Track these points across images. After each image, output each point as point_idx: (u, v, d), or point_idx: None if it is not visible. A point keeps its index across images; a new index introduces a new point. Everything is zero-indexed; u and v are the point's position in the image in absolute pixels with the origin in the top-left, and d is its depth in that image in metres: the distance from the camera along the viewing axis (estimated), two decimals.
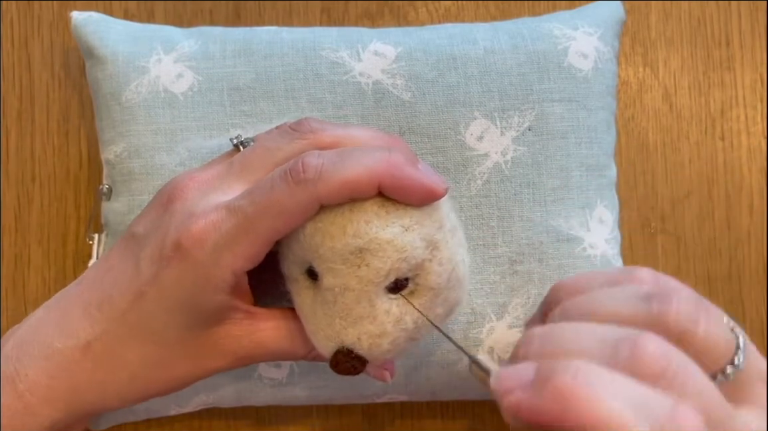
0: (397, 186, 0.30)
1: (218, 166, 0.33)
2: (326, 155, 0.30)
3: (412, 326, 0.32)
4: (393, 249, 0.30)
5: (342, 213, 0.30)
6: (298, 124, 0.33)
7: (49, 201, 0.44)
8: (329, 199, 0.30)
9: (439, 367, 0.39)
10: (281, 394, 0.40)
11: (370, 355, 0.32)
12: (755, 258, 0.45)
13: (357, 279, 0.30)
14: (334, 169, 0.30)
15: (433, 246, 0.31)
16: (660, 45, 0.46)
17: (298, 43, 0.39)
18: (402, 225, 0.30)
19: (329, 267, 0.31)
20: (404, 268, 0.31)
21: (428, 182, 0.31)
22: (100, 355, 0.32)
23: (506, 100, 0.38)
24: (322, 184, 0.29)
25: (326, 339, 0.32)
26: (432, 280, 0.31)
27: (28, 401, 0.32)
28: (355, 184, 0.30)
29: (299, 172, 0.30)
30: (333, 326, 0.31)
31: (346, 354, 0.31)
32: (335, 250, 0.30)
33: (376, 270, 0.30)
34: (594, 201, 0.39)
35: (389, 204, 0.31)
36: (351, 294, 0.31)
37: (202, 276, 0.30)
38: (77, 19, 0.40)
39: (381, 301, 0.31)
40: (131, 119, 0.38)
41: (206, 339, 0.32)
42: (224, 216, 0.30)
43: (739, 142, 0.46)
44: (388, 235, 0.30)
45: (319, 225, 0.31)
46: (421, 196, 0.31)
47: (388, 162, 0.30)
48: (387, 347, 0.31)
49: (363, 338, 0.31)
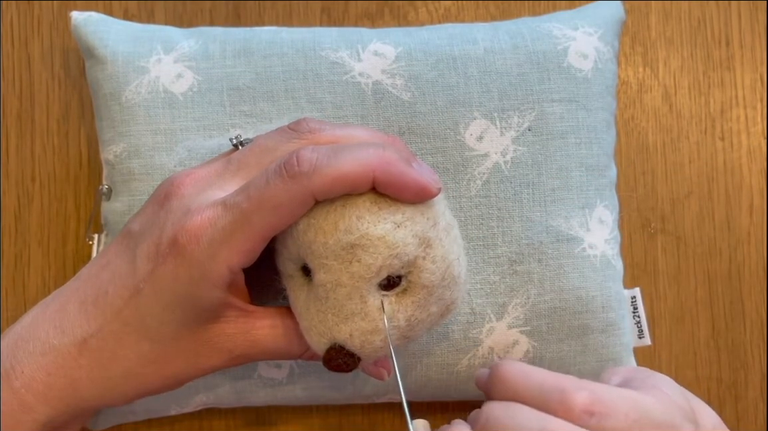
0: (390, 182, 0.30)
1: (215, 163, 0.33)
2: (321, 150, 0.30)
3: (405, 324, 0.32)
4: (384, 246, 0.30)
5: (335, 209, 0.30)
6: (296, 124, 0.33)
7: (49, 201, 0.44)
8: (323, 193, 0.30)
9: (439, 367, 0.39)
10: (281, 394, 0.40)
11: (362, 352, 0.32)
12: (755, 258, 0.45)
13: (349, 275, 0.30)
14: (328, 163, 0.30)
15: (426, 244, 0.31)
16: (660, 45, 0.46)
17: (297, 43, 0.39)
18: (394, 222, 0.30)
19: (321, 263, 0.31)
20: (396, 265, 0.31)
21: (421, 180, 0.31)
22: (96, 352, 0.32)
23: (506, 100, 0.38)
24: (316, 177, 0.30)
25: (319, 336, 0.32)
26: (425, 278, 0.31)
27: (24, 398, 0.32)
28: (348, 178, 0.30)
29: (294, 166, 0.30)
30: (325, 322, 0.31)
31: (338, 351, 0.31)
32: (327, 246, 0.30)
33: (367, 266, 0.30)
34: (594, 201, 0.39)
35: (382, 200, 0.31)
36: (343, 290, 0.31)
37: (198, 272, 0.30)
38: (77, 19, 0.40)
39: (373, 298, 0.31)
40: (131, 119, 0.38)
41: (202, 336, 0.32)
42: (220, 212, 0.30)
43: (739, 142, 0.46)
44: (379, 231, 0.30)
45: (312, 221, 0.31)
46: (414, 192, 0.31)
47: (382, 157, 0.30)
48: (379, 344, 0.31)
49: (355, 334, 0.31)
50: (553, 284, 0.38)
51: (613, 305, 0.39)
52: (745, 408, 0.45)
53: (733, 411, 0.45)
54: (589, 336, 0.39)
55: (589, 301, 0.39)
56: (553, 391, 0.27)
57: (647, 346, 0.41)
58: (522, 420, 0.26)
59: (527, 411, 0.27)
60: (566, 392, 0.27)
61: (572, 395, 0.27)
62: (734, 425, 0.45)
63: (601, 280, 0.39)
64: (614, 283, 0.39)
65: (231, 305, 0.32)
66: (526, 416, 0.27)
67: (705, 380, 0.45)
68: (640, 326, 0.41)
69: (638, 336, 0.41)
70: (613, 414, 0.26)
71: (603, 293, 0.39)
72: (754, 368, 0.45)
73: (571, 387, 0.27)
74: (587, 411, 0.26)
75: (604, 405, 0.26)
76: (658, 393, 0.29)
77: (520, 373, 0.29)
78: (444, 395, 0.40)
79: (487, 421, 0.27)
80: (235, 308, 0.32)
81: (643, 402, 0.27)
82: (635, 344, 0.41)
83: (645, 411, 0.27)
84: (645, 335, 0.41)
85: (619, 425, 0.26)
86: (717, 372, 0.45)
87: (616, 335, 0.39)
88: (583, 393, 0.27)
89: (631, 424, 0.26)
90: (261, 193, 0.30)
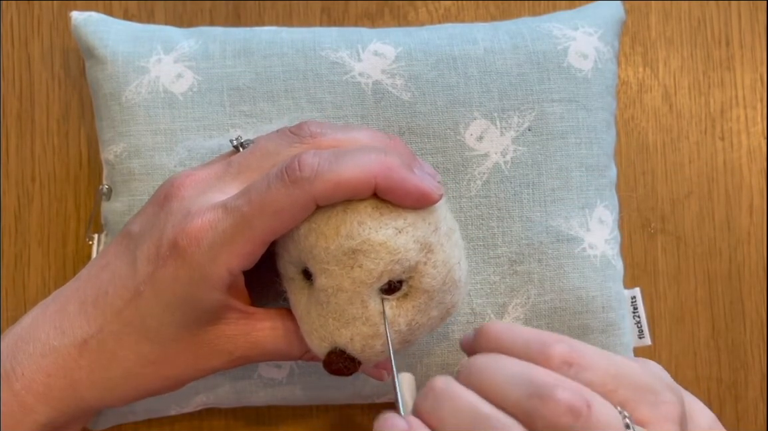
0: (391, 188, 0.30)
1: (216, 165, 0.33)
2: (322, 155, 0.30)
3: (406, 328, 0.32)
4: (385, 251, 0.30)
5: (336, 214, 0.30)
6: (298, 128, 0.33)
7: (49, 201, 0.44)
8: (324, 198, 0.30)
9: (439, 367, 0.39)
10: (281, 394, 0.40)
11: (363, 356, 0.32)
12: (755, 258, 0.45)
13: (350, 280, 0.30)
14: (329, 168, 0.30)
15: (428, 249, 0.31)
16: (660, 45, 0.46)
17: (297, 43, 0.39)
18: (395, 228, 0.30)
19: (323, 268, 0.31)
20: (397, 270, 0.31)
21: (423, 186, 0.31)
22: (96, 353, 0.32)
23: (506, 100, 0.38)
24: (318, 182, 0.30)
25: (320, 340, 0.32)
26: (426, 283, 0.31)
27: (24, 399, 0.32)
28: (350, 184, 0.30)
29: (295, 170, 0.30)
30: (326, 326, 0.31)
31: (338, 355, 0.31)
32: (329, 251, 0.30)
33: (368, 271, 0.30)
34: (594, 201, 0.39)
35: (384, 206, 0.31)
36: (344, 295, 0.31)
37: (198, 275, 0.30)
38: (77, 19, 0.40)
39: (374, 303, 0.31)
40: (131, 119, 0.38)
41: (202, 338, 0.32)
42: (221, 215, 0.30)
43: (739, 142, 0.46)
44: (380, 237, 0.30)
45: (314, 226, 0.31)
46: (415, 199, 0.31)
47: (384, 163, 0.30)
48: (380, 348, 0.31)
49: (356, 339, 0.31)
50: (553, 284, 0.38)
51: (613, 305, 0.39)
52: (745, 408, 0.45)
53: (733, 411, 0.45)
54: (590, 336, 0.39)
55: (589, 301, 0.39)
56: (536, 343, 0.28)
57: (647, 346, 0.41)
58: (506, 367, 0.27)
59: (511, 360, 0.27)
60: (546, 344, 0.27)
61: (552, 346, 0.27)
62: (734, 425, 0.45)
63: (601, 280, 0.39)
64: (614, 283, 0.39)
65: (231, 307, 0.32)
66: (509, 364, 0.27)
67: (705, 380, 0.45)
68: (640, 326, 0.41)
69: (638, 336, 0.41)
70: (590, 368, 0.27)
71: (603, 293, 0.39)
72: (754, 368, 0.45)
73: (551, 339, 0.28)
74: (566, 362, 0.27)
75: (582, 357, 0.27)
76: (644, 364, 0.29)
77: (505, 329, 0.29)
78: None
79: (470, 369, 0.28)
80: (236, 310, 0.32)
81: (623, 363, 0.27)
82: (635, 344, 0.41)
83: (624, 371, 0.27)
84: (645, 335, 0.41)
85: (596, 379, 0.26)
86: (717, 372, 0.45)
87: (617, 335, 0.39)
88: (562, 345, 0.27)
89: (608, 380, 0.26)
90: (262, 197, 0.30)
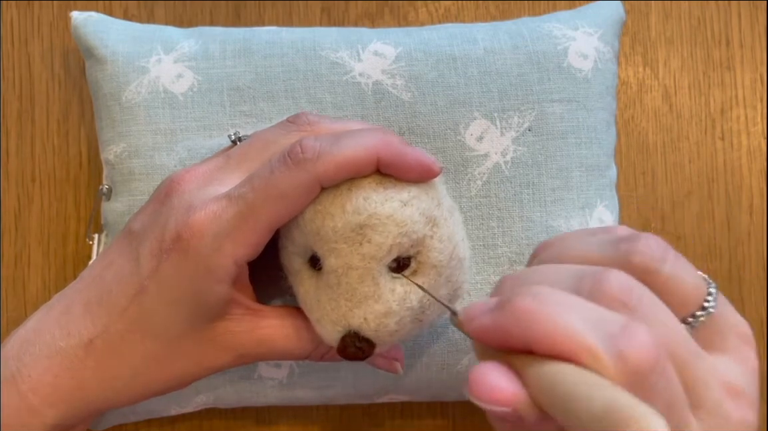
0: (393, 161, 0.31)
1: (215, 159, 0.33)
2: (323, 138, 0.31)
3: (417, 305, 0.32)
4: (393, 224, 0.30)
5: (341, 193, 0.31)
6: (295, 117, 0.33)
7: (49, 201, 0.44)
8: (328, 178, 0.30)
9: (439, 367, 0.39)
10: (281, 394, 0.40)
11: (377, 336, 0.31)
12: (755, 258, 0.45)
13: (360, 256, 0.30)
14: (331, 149, 0.30)
15: (433, 223, 0.31)
16: (660, 45, 0.46)
17: (298, 43, 0.39)
18: (401, 200, 0.31)
19: (331, 248, 0.31)
20: (405, 243, 0.31)
21: (423, 158, 0.31)
22: (103, 352, 0.32)
23: (506, 101, 0.38)
24: (321, 163, 0.30)
25: (332, 324, 0.31)
26: (434, 257, 0.31)
27: (31, 401, 0.32)
28: (353, 161, 0.30)
29: (298, 153, 0.30)
30: (338, 309, 0.31)
31: (353, 337, 0.31)
32: (336, 230, 0.30)
33: (377, 245, 0.30)
34: (594, 201, 0.39)
35: (387, 181, 0.31)
36: (355, 273, 0.31)
37: (202, 267, 0.30)
38: (77, 19, 0.40)
39: (385, 280, 0.31)
40: (131, 119, 0.38)
41: (207, 334, 0.32)
42: (224, 205, 0.30)
43: (739, 142, 0.46)
44: (387, 210, 0.30)
45: (319, 208, 0.31)
46: (418, 171, 0.31)
47: (383, 139, 0.31)
48: (394, 327, 0.31)
49: (369, 318, 0.31)
50: None
51: None
52: None
53: None
54: None
55: None
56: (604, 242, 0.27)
57: None
58: (579, 240, 0.27)
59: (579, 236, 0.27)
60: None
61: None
62: None
63: None
64: None
65: (237, 302, 0.32)
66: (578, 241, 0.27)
67: None
68: None
69: None
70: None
71: None
72: None
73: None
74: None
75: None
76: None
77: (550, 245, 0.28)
78: (444, 395, 0.40)
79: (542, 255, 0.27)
80: (241, 305, 0.32)
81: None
82: None
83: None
84: None
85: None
86: None
87: None
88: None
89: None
90: (266, 182, 0.30)
